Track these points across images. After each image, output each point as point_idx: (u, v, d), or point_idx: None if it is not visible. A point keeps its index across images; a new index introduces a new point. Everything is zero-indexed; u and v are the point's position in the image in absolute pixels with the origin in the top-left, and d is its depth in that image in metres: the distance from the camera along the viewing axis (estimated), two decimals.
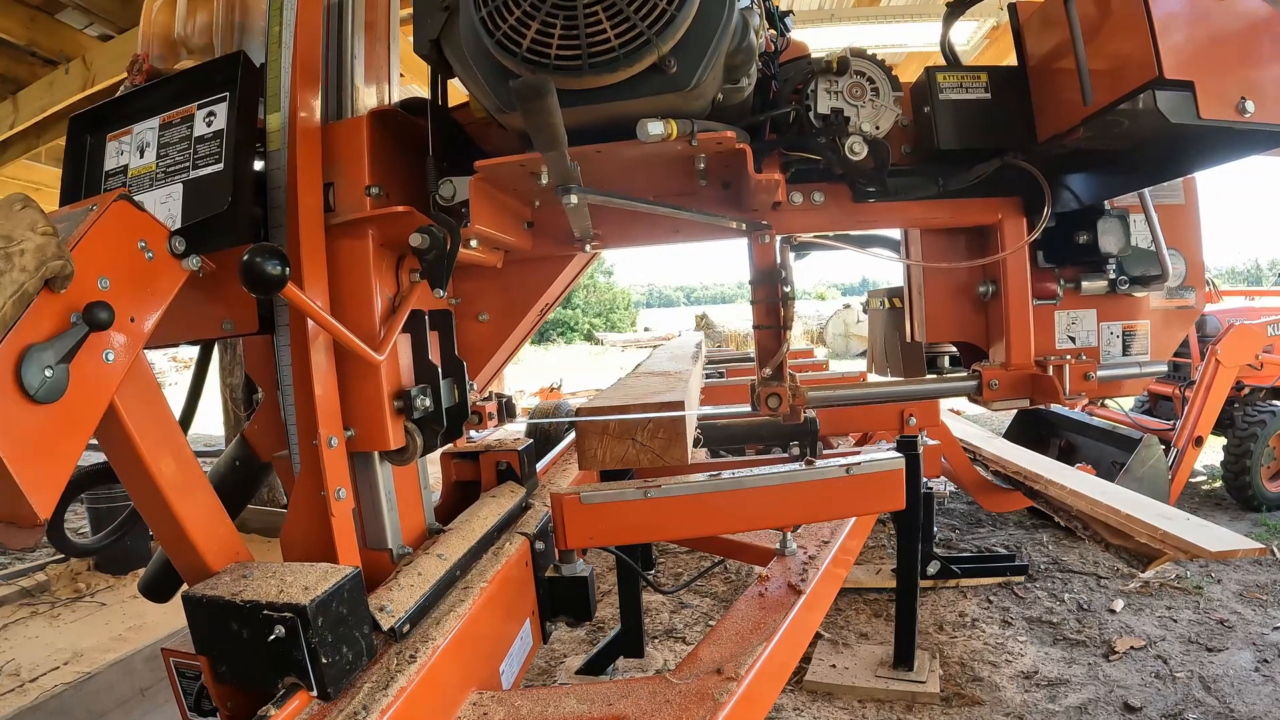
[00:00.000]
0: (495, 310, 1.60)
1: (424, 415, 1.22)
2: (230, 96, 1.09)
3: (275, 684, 0.90)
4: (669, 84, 0.99)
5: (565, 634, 3.11)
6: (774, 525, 1.49)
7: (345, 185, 1.15)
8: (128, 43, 4.66)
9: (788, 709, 2.53)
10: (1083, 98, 1.22)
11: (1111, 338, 1.62)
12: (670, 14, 0.92)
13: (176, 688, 1.08)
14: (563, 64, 0.94)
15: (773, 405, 1.52)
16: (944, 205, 1.48)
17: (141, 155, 1.16)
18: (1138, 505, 2.54)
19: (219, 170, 1.08)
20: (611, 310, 31.72)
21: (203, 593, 0.93)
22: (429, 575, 1.15)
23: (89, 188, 1.19)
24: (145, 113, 1.16)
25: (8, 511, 0.75)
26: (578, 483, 1.76)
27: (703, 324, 20.52)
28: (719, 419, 2.29)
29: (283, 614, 0.86)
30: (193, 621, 0.94)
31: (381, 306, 1.18)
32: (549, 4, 0.92)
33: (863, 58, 1.32)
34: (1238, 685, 2.55)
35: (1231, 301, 5.88)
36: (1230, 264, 59.28)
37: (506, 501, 1.50)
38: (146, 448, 0.93)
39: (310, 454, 1.10)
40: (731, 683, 1.11)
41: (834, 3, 5.50)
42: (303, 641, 0.87)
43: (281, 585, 0.91)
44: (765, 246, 1.50)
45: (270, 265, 0.89)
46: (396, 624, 1.02)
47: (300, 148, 1.11)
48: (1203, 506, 4.60)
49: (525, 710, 1.07)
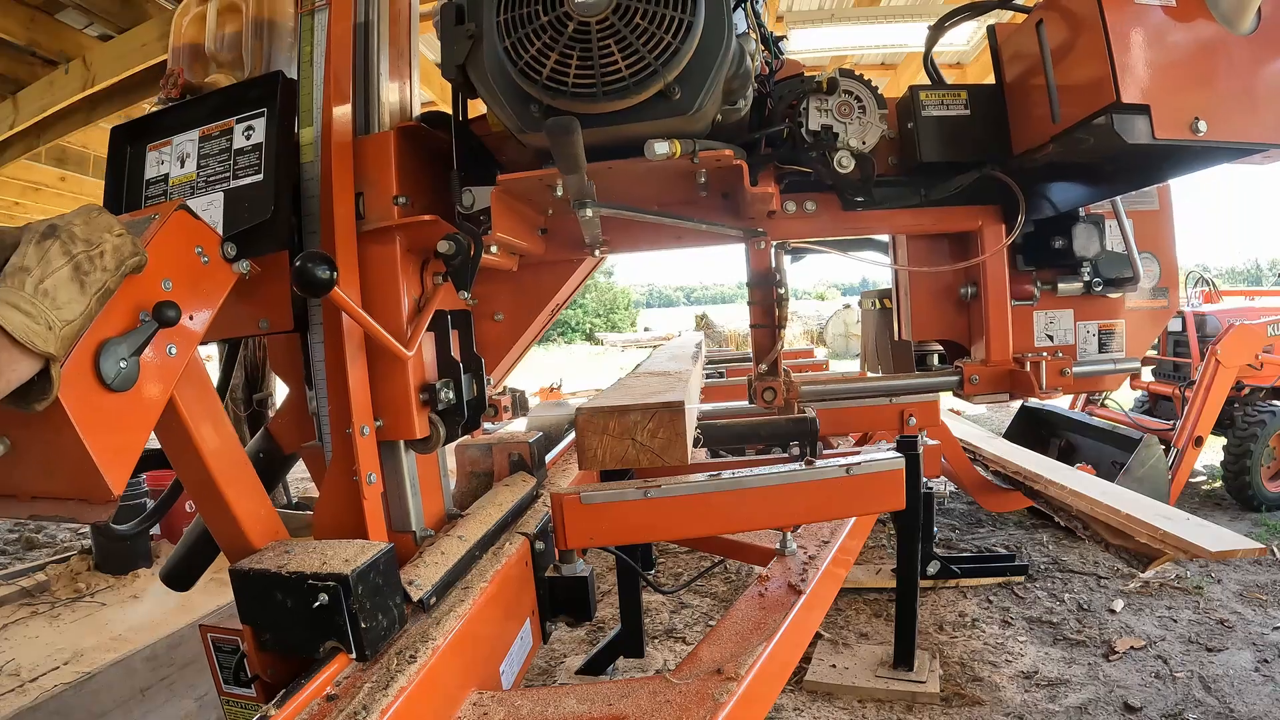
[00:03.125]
0: (510, 310, 1.71)
1: (447, 407, 1.32)
2: (269, 112, 1.18)
3: (316, 649, 0.97)
4: (674, 109, 1.09)
5: (565, 634, 3.11)
6: (774, 525, 1.50)
7: (374, 195, 1.24)
8: (128, 43, 4.66)
9: (788, 709, 2.52)
10: (1052, 116, 1.33)
11: (1088, 336, 1.72)
12: (675, 46, 1.03)
13: (213, 662, 1.18)
14: (579, 91, 1.05)
15: (768, 399, 1.64)
16: (927, 213, 1.59)
17: (182, 165, 1.24)
18: (1138, 505, 2.53)
19: (259, 180, 1.16)
20: (612, 310, 31.71)
21: (249, 566, 1.00)
22: (451, 554, 1.23)
23: (130, 194, 1.27)
24: (185, 125, 1.24)
25: (83, 489, 0.83)
26: (578, 483, 1.76)
27: (703, 324, 20.51)
28: (719, 419, 2.30)
29: (326, 583, 0.95)
30: (239, 593, 1.00)
31: (408, 307, 1.27)
32: (566, 37, 1.03)
33: (851, 78, 1.42)
34: (1238, 685, 2.55)
35: (1231, 301, 5.88)
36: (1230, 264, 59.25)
37: (519, 489, 1.58)
38: (199, 434, 1.02)
39: (343, 442, 1.19)
40: (731, 683, 1.11)
41: (834, 3, 5.49)
42: (344, 608, 0.95)
43: (323, 559, 1.00)
44: (761, 252, 1.62)
45: (320, 270, 0.99)
46: (424, 596, 1.11)
47: (335, 161, 1.20)
48: (1203, 506, 4.60)
49: (525, 710, 1.07)
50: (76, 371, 0.79)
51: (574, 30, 1.03)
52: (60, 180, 7.42)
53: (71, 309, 0.75)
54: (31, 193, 7.58)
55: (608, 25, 1.02)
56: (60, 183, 7.51)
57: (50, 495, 0.87)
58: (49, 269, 0.75)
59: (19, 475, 0.86)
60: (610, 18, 1.02)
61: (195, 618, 2.75)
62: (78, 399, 0.79)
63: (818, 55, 5.67)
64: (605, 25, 1.02)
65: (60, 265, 0.75)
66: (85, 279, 0.77)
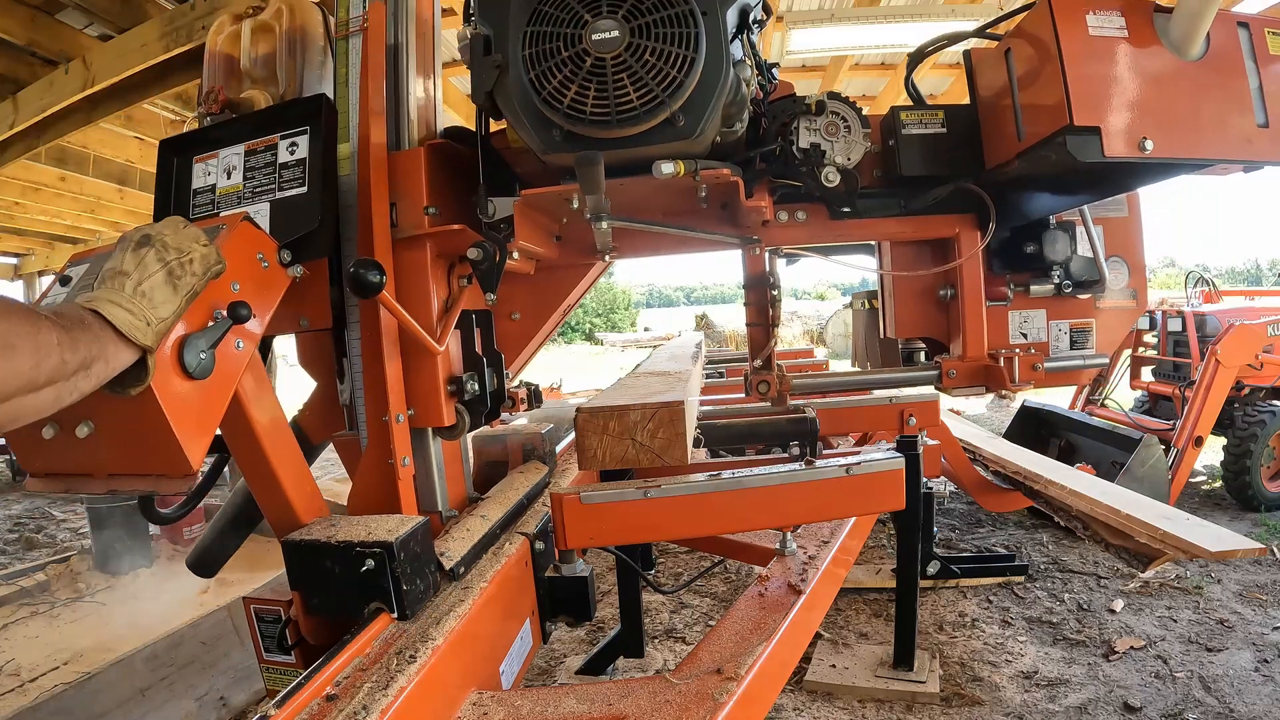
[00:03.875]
0: (526, 310, 1.84)
1: (472, 398, 1.45)
2: (312, 130, 1.30)
3: (361, 610, 1.08)
4: (678, 134, 1.23)
5: (565, 634, 3.11)
6: (774, 525, 1.50)
7: (406, 206, 1.36)
8: (128, 42, 4.66)
9: (788, 709, 2.53)
10: (1018, 135, 1.47)
11: (1060, 334, 1.86)
12: (680, 80, 1.17)
13: (255, 631, 1.26)
14: (596, 118, 1.19)
15: (762, 390, 1.81)
16: (908, 221, 1.73)
17: (229, 176, 1.35)
18: (1138, 505, 2.53)
19: (304, 192, 1.28)
20: (612, 310, 31.71)
21: (300, 538, 1.11)
22: (476, 531, 1.35)
23: (178, 202, 1.38)
24: (230, 140, 1.35)
25: (164, 465, 0.95)
26: (578, 483, 1.76)
27: (702, 324, 20.51)
28: (719, 419, 2.30)
29: (372, 549, 1.06)
30: (291, 562, 1.11)
31: (437, 307, 1.40)
32: (585, 71, 1.17)
33: (837, 100, 1.57)
34: (1238, 685, 2.55)
35: (1231, 301, 5.87)
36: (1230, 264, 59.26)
37: (533, 476, 1.70)
38: (256, 419, 1.12)
39: (379, 430, 1.31)
40: (731, 683, 1.11)
41: (834, 3, 5.49)
42: (388, 572, 1.06)
43: (367, 530, 1.11)
44: (756, 257, 1.77)
45: (372, 274, 1.12)
46: (454, 565, 1.23)
47: (373, 175, 1.31)
48: (1203, 506, 4.60)
49: (525, 710, 1.07)
50: (164, 362, 0.90)
51: (591, 65, 1.18)
52: (60, 180, 7.42)
53: (165, 308, 0.86)
54: (31, 193, 7.58)
55: (621, 61, 1.17)
56: (60, 183, 7.50)
57: (128, 472, 0.98)
58: (146, 273, 0.85)
59: (99, 455, 0.97)
60: (623, 55, 1.17)
61: (195, 618, 2.76)
62: (165, 385, 0.90)
63: (818, 55, 5.67)
64: (619, 61, 1.17)
65: (155, 270, 0.86)
66: (177, 282, 0.88)
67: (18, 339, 0.66)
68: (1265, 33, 1.42)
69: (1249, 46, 1.40)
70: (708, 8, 1.20)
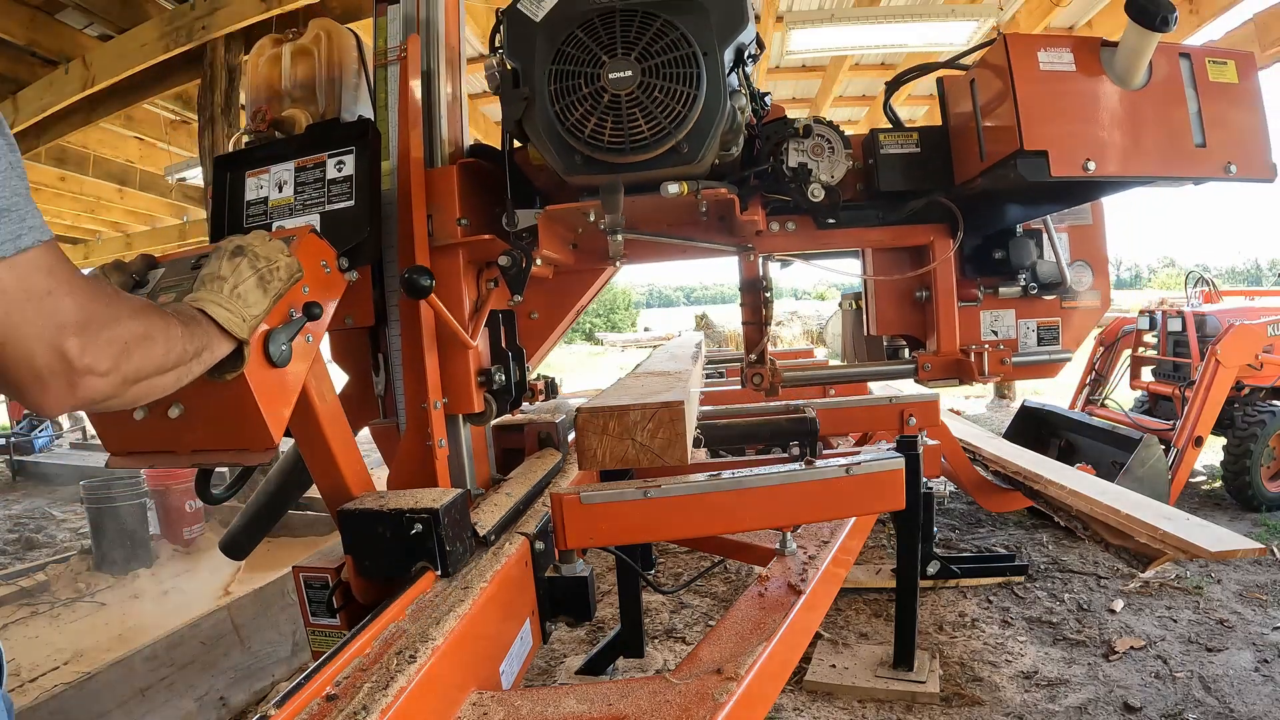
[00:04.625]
0: (544, 310, 2.04)
1: (499, 388, 1.61)
2: (359, 150, 1.44)
3: (408, 570, 1.21)
4: (682, 160, 1.39)
5: (565, 634, 3.11)
6: (774, 525, 1.51)
7: (441, 217, 1.52)
8: (128, 43, 4.66)
9: (788, 709, 2.53)
10: (980, 155, 1.65)
11: (1028, 332, 2.04)
12: (684, 114, 1.34)
13: (303, 597, 1.36)
14: (612, 147, 1.36)
15: (756, 382, 2.01)
16: (887, 230, 1.92)
17: (280, 190, 1.49)
18: (1138, 505, 2.54)
19: (352, 206, 1.42)
20: (612, 310, 31.72)
21: (354, 507, 1.25)
22: (502, 506, 1.48)
23: (232, 212, 1.53)
24: (280, 157, 1.50)
25: (250, 441, 1.09)
26: (577, 483, 1.76)
27: (702, 324, 20.49)
28: (719, 419, 2.31)
29: (420, 515, 1.19)
30: (346, 529, 1.24)
31: (469, 307, 1.57)
32: (602, 106, 1.34)
33: (822, 124, 1.76)
34: (1238, 685, 2.55)
35: (1231, 301, 5.87)
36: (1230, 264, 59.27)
37: (549, 461, 1.83)
38: (318, 404, 1.25)
39: (417, 415, 1.47)
40: (731, 683, 1.11)
41: (834, 3, 5.49)
42: (435, 535, 1.20)
43: (414, 499, 1.24)
44: (751, 263, 1.96)
45: (423, 279, 1.27)
46: (486, 534, 1.35)
47: (413, 190, 1.46)
48: (1203, 506, 4.59)
49: (525, 710, 1.07)
50: (254, 352, 1.03)
51: (608, 100, 1.34)
52: (60, 180, 7.42)
53: (257, 308, 1.01)
54: (32, 193, 7.57)
55: (634, 98, 1.33)
56: (60, 183, 7.51)
57: (214, 448, 1.12)
58: (240, 278, 1.00)
59: (186, 434, 1.11)
60: (636, 92, 1.33)
61: (193, 618, 2.76)
62: (254, 372, 1.04)
63: (818, 55, 5.67)
64: (632, 98, 1.33)
65: (248, 276, 1.01)
66: (266, 286, 1.03)
67: (155, 332, 0.81)
68: (1206, 62, 1.58)
69: (1190, 75, 1.56)
70: (708, 49, 1.35)
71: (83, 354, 0.70)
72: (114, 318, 0.75)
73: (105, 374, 0.73)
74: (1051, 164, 1.46)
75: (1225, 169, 1.55)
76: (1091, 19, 5.59)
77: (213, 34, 4.40)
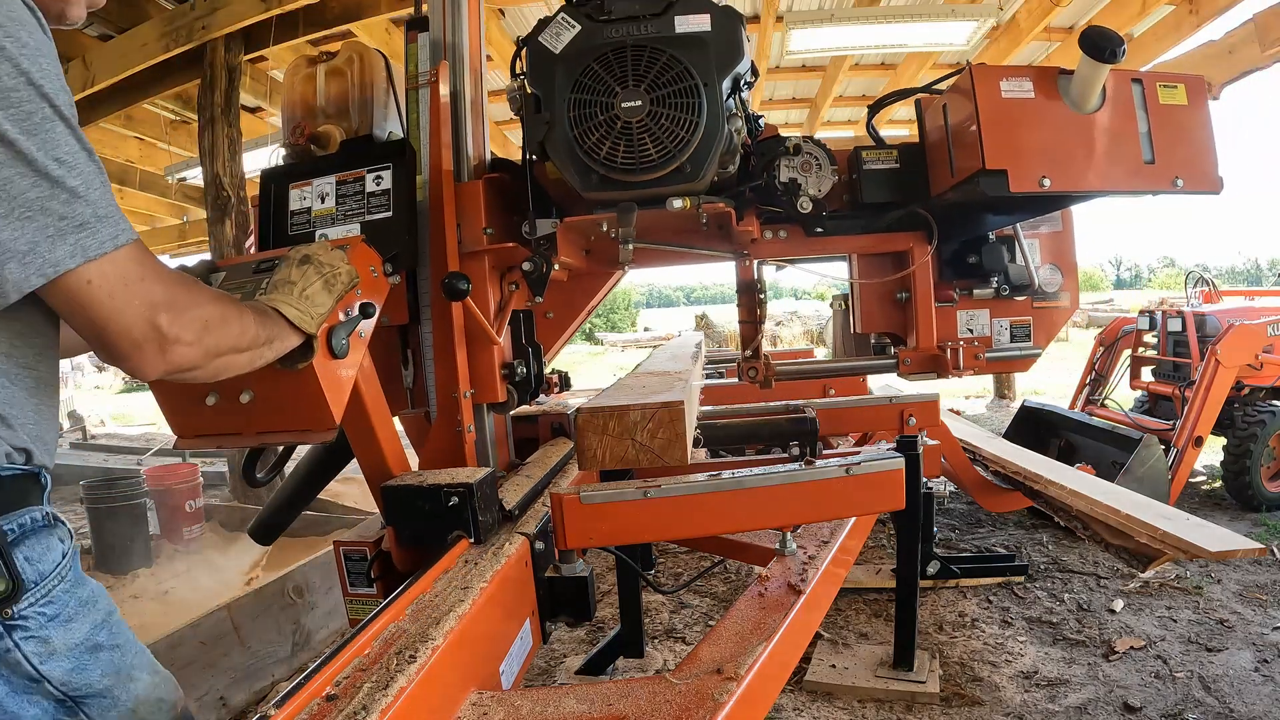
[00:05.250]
0: (558, 310, 2.24)
1: (520, 380, 1.77)
2: (396, 167, 1.61)
3: (444, 538, 1.34)
4: (685, 178, 1.56)
5: (565, 634, 3.11)
6: (774, 525, 1.51)
7: (468, 227, 1.66)
8: (128, 43, 4.66)
9: (788, 709, 2.53)
10: (951, 171, 1.83)
11: (1002, 329, 2.22)
12: (687, 138, 1.51)
13: (342, 569, 1.51)
14: (624, 167, 1.52)
15: (751, 375, 2.21)
16: (870, 238, 2.11)
17: (322, 201, 1.66)
18: (1138, 505, 2.54)
19: (391, 217, 1.59)
20: (612, 310, 31.69)
21: (396, 483, 1.40)
22: (524, 485, 1.64)
23: (277, 221, 1.69)
24: (321, 171, 1.66)
25: (313, 423, 1.22)
26: (577, 483, 1.76)
27: (702, 324, 20.47)
28: (719, 419, 2.31)
29: (457, 489, 1.34)
30: (388, 503, 1.39)
31: (493, 307, 1.73)
32: (616, 131, 1.51)
33: (810, 142, 1.95)
34: (1238, 685, 2.55)
35: (1231, 301, 5.87)
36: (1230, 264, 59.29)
37: (562, 448, 1.99)
38: (365, 391, 1.39)
39: (448, 404, 1.63)
40: (731, 683, 1.11)
41: (834, 3, 5.49)
42: (469, 506, 1.34)
43: (450, 476, 1.40)
44: (746, 268, 2.17)
45: (461, 283, 1.44)
46: (511, 508, 1.48)
47: (445, 203, 1.61)
48: (1203, 506, 4.59)
49: (525, 710, 1.07)
50: (319, 346, 1.17)
51: (621, 127, 1.50)
52: None
53: (323, 308, 1.15)
54: None
55: (644, 125, 1.50)
56: None
57: (279, 429, 1.25)
58: (308, 283, 1.14)
59: (255, 417, 1.23)
60: (645, 119, 1.50)
61: (192, 618, 2.75)
62: (319, 363, 1.17)
63: (817, 55, 5.67)
64: (642, 124, 1.50)
65: (315, 280, 1.15)
66: (330, 289, 1.17)
67: (230, 316, 0.95)
68: (1157, 86, 1.74)
69: (1140, 98, 1.73)
70: (708, 80, 1.51)
71: (171, 326, 0.85)
72: (196, 301, 0.90)
73: (191, 344, 0.87)
74: (1010, 181, 1.63)
75: (1173, 183, 1.71)
76: (1091, 19, 5.58)
77: (213, 34, 4.40)
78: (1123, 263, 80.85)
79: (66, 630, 0.87)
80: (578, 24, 1.56)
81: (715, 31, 1.53)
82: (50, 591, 0.86)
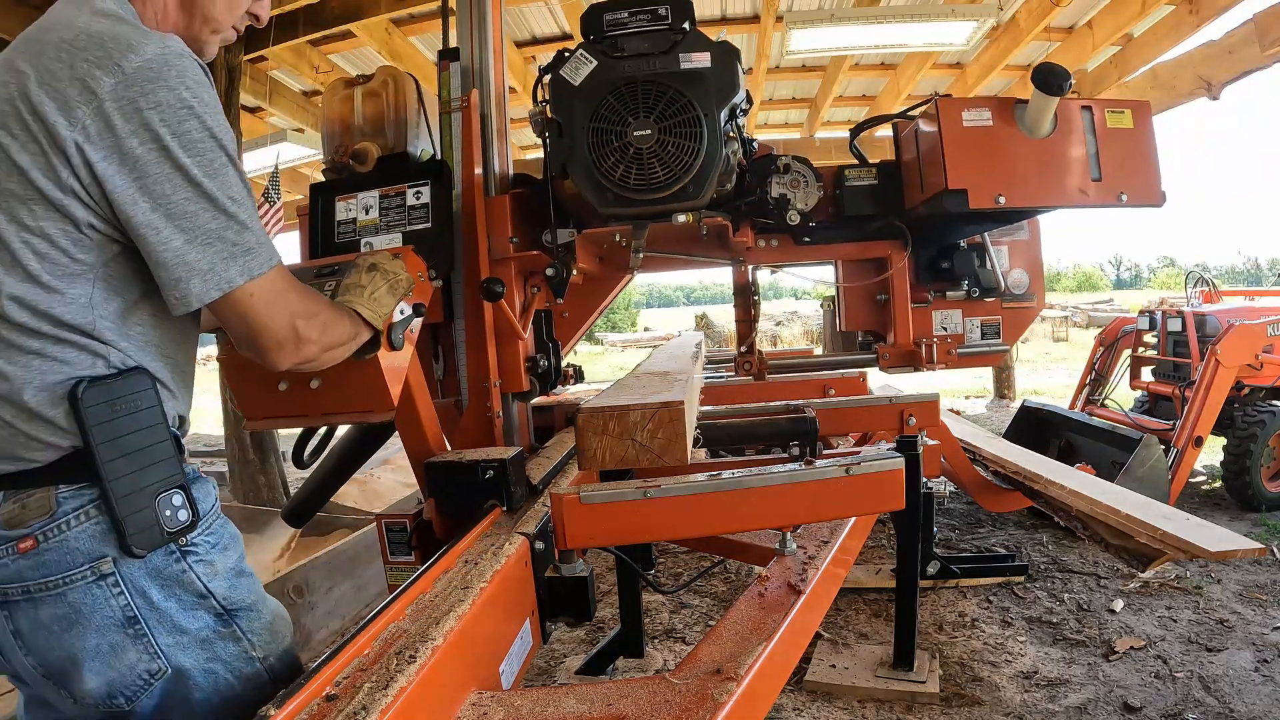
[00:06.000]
0: (573, 310, 2.45)
1: (542, 371, 1.97)
2: (434, 183, 1.81)
3: (479, 507, 1.51)
4: (688, 197, 1.77)
5: (565, 634, 3.11)
6: (774, 525, 1.50)
7: (497, 236, 1.87)
8: None
9: (787, 709, 2.53)
10: (921, 188, 2.07)
11: (973, 328, 2.47)
12: (690, 163, 1.72)
13: (384, 540, 1.65)
14: (636, 188, 1.74)
15: (746, 369, 2.48)
16: (853, 246, 2.39)
17: (367, 213, 1.85)
18: (1138, 505, 2.54)
19: (429, 228, 1.80)
20: (612, 310, 31.70)
21: (438, 460, 1.59)
22: (544, 466, 1.79)
23: (325, 230, 1.88)
24: (365, 186, 1.85)
25: (374, 404, 1.40)
26: (577, 483, 1.76)
27: (702, 324, 20.47)
28: (719, 419, 2.31)
29: (493, 464, 1.52)
30: (430, 476, 1.56)
31: (519, 307, 1.94)
32: (629, 156, 1.72)
33: (799, 161, 2.20)
34: (1238, 685, 2.55)
35: (1231, 301, 5.87)
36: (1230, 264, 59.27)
37: None
38: (412, 379, 1.53)
39: (479, 392, 1.85)
40: (731, 683, 1.11)
41: (834, 3, 5.49)
42: (504, 478, 1.51)
43: (486, 454, 1.59)
44: (742, 272, 2.45)
45: (498, 287, 1.64)
46: (537, 483, 1.66)
47: (478, 216, 1.84)
48: (1203, 506, 4.59)
49: (525, 710, 1.07)
50: (383, 339, 1.34)
51: (633, 153, 1.72)
52: None
53: (388, 308, 1.32)
54: None
55: (653, 151, 1.71)
56: None
57: (343, 410, 1.43)
58: (376, 287, 1.30)
59: (323, 400, 1.40)
60: (654, 147, 1.71)
61: None
62: (382, 354, 1.35)
63: (818, 55, 5.67)
64: (651, 151, 1.71)
65: (381, 285, 1.32)
66: (394, 292, 1.34)
67: (339, 319, 1.18)
68: (1104, 112, 1.95)
69: (1090, 123, 1.93)
70: (709, 111, 1.70)
71: (305, 329, 1.07)
72: (319, 308, 1.13)
73: (315, 342, 1.09)
74: (970, 199, 1.87)
75: (1118, 197, 1.91)
76: (1091, 19, 5.58)
77: None
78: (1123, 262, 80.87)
79: (224, 556, 1.06)
80: (594, 59, 1.76)
81: (715, 67, 1.72)
82: (211, 525, 1.06)
